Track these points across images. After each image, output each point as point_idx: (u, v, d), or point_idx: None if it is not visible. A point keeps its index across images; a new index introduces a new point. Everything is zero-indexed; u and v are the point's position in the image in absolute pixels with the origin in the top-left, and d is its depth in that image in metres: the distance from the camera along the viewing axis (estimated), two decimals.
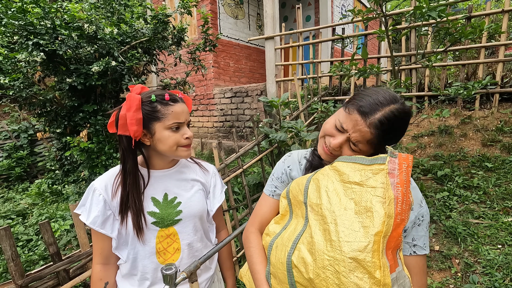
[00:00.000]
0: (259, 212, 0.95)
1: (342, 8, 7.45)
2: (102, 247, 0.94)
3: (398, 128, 0.71)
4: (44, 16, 2.54)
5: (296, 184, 0.81)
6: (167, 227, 0.95)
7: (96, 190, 0.92)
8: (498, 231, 2.20)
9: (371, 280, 0.59)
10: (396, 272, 0.65)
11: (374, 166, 0.67)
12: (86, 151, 2.76)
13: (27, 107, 2.87)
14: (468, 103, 3.68)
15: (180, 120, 0.91)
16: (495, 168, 2.79)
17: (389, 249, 0.64)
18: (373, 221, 0.62)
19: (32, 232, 3.57)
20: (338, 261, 0.61)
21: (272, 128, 2.85)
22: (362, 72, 3.04)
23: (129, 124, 0.86)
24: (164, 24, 3.05)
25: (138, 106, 0.86)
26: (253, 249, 0.88)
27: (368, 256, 0.59)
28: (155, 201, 0.95)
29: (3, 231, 1.24)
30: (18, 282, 1.31)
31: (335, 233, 0.64)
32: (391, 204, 0.62)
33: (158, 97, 0.89)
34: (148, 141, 0.92)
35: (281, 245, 0.76)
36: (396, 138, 0.73)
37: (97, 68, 2.55)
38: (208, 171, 1.11)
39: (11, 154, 6.12)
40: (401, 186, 0.64)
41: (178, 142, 0.92)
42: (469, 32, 2.30)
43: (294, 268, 0.70)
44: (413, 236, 0.75)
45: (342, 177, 0.71)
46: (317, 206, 0.71)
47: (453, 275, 1.99)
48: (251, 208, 2.54)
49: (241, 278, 1.03)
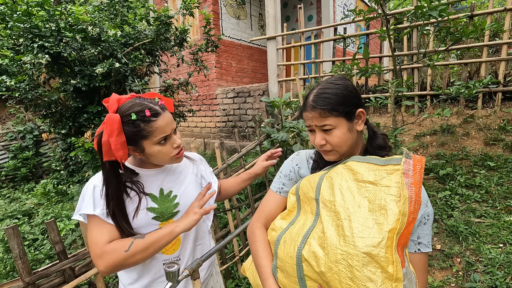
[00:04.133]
0: (265, 208, 0.97)
1: (344, 7, 7.44)
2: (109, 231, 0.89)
3: (330, 92, 0.81)
4: (49, 19, 2.58)
5: (307, 181, 0.84)
6: (167, 220, 0.98)
7: (96, 186, 0.91)
8: (499, 230, 2.20)
9: (383, 275, 0.61)
10: (405, 268, 0.67)
11: (388, 167, 0.71)
12: (90, 152, 2.80)
13: (32, 108, 2.92)
14: (471, 102, 3.67)
15: (166, 133, 0.90)
16: (497, 167, 2.78)
17: (399, 246, 0.67)
18: (387, 218, 0.65)
19: (38, 231, 3.63)
20: (352, 256, 0.63)
21: (274, 128, 2.87)
22: (363, 72, 3.05)
23: (114, 150, 0.83)
24: (166, 25, 3.08)
25: (119, 129, 0.83)
26: (258, 244, 0.90)
27: (382, 251, 0.62)
28: (153, 197, 0.97)
29: (11, 229, 1.27)
30: (26, 279, 1.34)
31: (348, 229, 0.66)
32: (405, 203, 0.65)
33: (139, 115, 0.85)
34: (138, 155, 0.92)
35: (290, 240, 0.78)
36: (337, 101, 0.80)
37: (101, 70, 2.58)
38: (195, 160, 1.16)
39: (17, 154, 6.21)
40: (415, 186, 0.67)
41: (169, 153, 0.93)
42: (470, 31, 2.30)
43: (304, 262, 0.72)
44: (419, 234, 0.78)
45: (356, 176, 0.74)
46: (330, 203, 0.73)
47: (455, 274, 2.00)
48: (253, 208, 2.56)
49: (244, 272, 1.06)
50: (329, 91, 0.81)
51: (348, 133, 0.81)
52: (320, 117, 0.80)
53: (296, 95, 4.69)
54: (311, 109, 0.81)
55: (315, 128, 0.83)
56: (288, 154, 2.86)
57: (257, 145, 2.63)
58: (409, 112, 3.63)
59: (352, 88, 0.83)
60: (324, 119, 0.79)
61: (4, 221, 3.96)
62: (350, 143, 0.82)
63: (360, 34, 4.07)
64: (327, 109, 0.78)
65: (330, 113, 0.79)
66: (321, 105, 0.79)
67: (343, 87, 0.81)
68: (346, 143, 0.81)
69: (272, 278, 0.82)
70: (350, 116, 0.81)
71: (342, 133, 0.80)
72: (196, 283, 1.02)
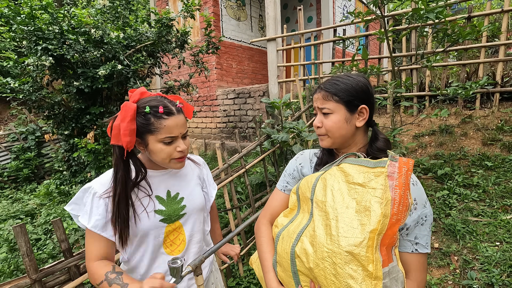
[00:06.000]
0: (271, 205, 1.03)
1: (343, 8, 7.48)
2: (99, 248, 0.91)
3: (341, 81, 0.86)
4: (52, 21, 2.62)
5: (306, 181, 0.88)
6: (173, 222, 1.01)
7: (96, 193, 0.92)
8: (496, 229, 2.23)
9: (364, 273, 0.65)
10: (389, 267, 0.70)
11: (376, 169, 0.73)
12: (93, 152, 2.85)
13: (36, 109, 2.96)
14: (469, 102, 3.70)
15: (173, 134, 0.91)
16: (495, 166, 2.81)
17: (384, 246, 0.70)
18: (370, 219, 0.67)
19: (41, 231, 3.66)
20: (336, 254, 0.67)
21: (274, 128, 2.91)
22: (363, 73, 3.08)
23: (122, 135, 0.86)
24: (168, 27, 3.13)
25: (132, 117, 0.86)
26: (263, 239, 0.96)
27: (363, 251, 0.65)
28: (159, 199, 1.00)
29: (18, 228, 1.31)
30: (33, 276, 1.37)
31: (335, 229, 0.70)
32: (387, 205, 0.68)
33: (153, 109, 0.89)
34: (142, 149, 0.96)
35: (287, 237, 0.83)
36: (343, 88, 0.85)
37: (104, 72, 2.63)
38: (200, 164, 1.19)
39: (19, 155, 6.24)
40: (399, 189, 0.69)
41: (171, 155, 0.93)
42: (467, 33, 2.34)
43: (297, 258, 0.76)
44: (416, 235, 0.80)
45: (348, 178, 0.77)
46: (322, 203, 0.77)
47: (452, 272, 2.03)
48: (254, 207, 2.59)
49: (251, 265, 1.12)
50: (340, 80, 0.86)
51: (343, 122, 0.84)
52: (323, 99, 0.86)
53: (296, 96, 4.73)
54: (319, 90, 0.88)
55: (317, 110, 0.89)
56: (288, 154, 2.90)
57: (258, 145, 2.67)
58: (407, 112, 3.67)
59: (363, 85, 0.86)
60: (325, 102, 0.85)
61: (7, 221, 3.99)
62: (343, 133, 0.85)
63: (359, 35, 4.11)
64: (330, 92, 0.85)
65: (332, 97, 0.84)
66: (326, 88, 0.86)
67: (355, 81, 0.86)
68: (339, 131, 0.84)
69: (272, 272, 0.88)
70: (351, 108, 0.84)
71: (337, 120, 0.84)
72: (199, 279, 1.06)
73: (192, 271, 1.03)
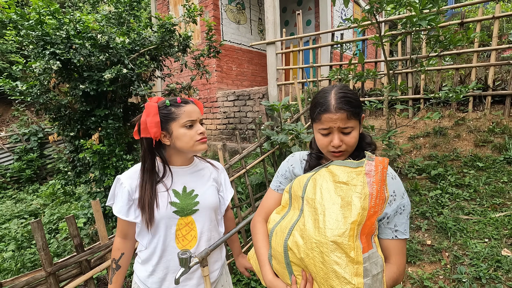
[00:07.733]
0: (265, 204, 1.12)
1: (342, 12, 7.60)
2: (123, 228, 1.14)
3: (351, 96, 0.88)
4: (59, 27, 2.72)
5: (298, 181, 0.98)
6: (186, 216, 1.10)
7: (122, 184, 1.08)
8: (486, 226, 2.34)
9: (347, 259, 0.75)
10: (368, 253, 0.80)
11: (358, 169, 0.83)
12: (98, 153, 2.93)
13: (43, 112, 3.05)
14: (462, 105, 3.82)
15: (193, 118, 1.07)
16: (486, 167, 2.92)
17: (363, 235, 0.80)
18: (351, 212, 0.78)
19: (45, 231, 3.75)
20: (323, 244, 0.78)
21: (274, 130, 3.01)
22: (359, 77, 3.19)
23: (149, 127, 1.03)
24: (170, 32, 3.22)
25: (155, 112, 1.04)
26: (258, 236, 1.06)
27: (345, 240, 0.76)
28: (175, 192, 1.10)
29: (35, 223, 1.40)
30: (48, 269, 1.47)
31: (322, 222, 0.80)
32: (366, 199, 0.78)
33: (172, 101, 1.08)
34: (168, 141, 1.08)
35: (280, 232, 0.93)
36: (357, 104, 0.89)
37: (110, 76, 2.72)
38: (218, 168, 1.29)
39: (21, 156, 6.32)
40: (376, 184, 0.79)
41: (193, 137, 1.07)
42: (457, 39, 2.45)
43: (289, 250, 0.87)
44: (395, 223, 0.90)
45: (334, 177, 0.87)
46: (312, 201, 0.87)
47: (443, 267, 2.13)
48: (254, 207, 2.69)
49: (249, 260, 1.21)
50: (350, 95, 0.88)
51: (358, 134, 0.92)
52: (346, 119, 0.86)
53: (295, 99, 4.83)
54: (337, 110, 0.86)
55: (335, 130, 0.88)
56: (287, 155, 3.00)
57: (258, 146, 2.76)
58: (401, 115, 3.78)
59: (357, 94, 0.95)
60: (348, 121, 0.87)
61: (11, 221, 4.08)
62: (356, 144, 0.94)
63: (355, 40, 4.22)
64: (352, 112, 0.86)
65: (353, 116, 0.87)
66: (347, 108, 0.86)
67: (355, 93, 0.91)
68: (356, 144, 0.93)
69: (268, 265, 0.97)
70: (359, 118, 0.91)
71: (357, 134, 0.92)
72: (205, 269, 1.16)
73: (199, 262, 1.14)
